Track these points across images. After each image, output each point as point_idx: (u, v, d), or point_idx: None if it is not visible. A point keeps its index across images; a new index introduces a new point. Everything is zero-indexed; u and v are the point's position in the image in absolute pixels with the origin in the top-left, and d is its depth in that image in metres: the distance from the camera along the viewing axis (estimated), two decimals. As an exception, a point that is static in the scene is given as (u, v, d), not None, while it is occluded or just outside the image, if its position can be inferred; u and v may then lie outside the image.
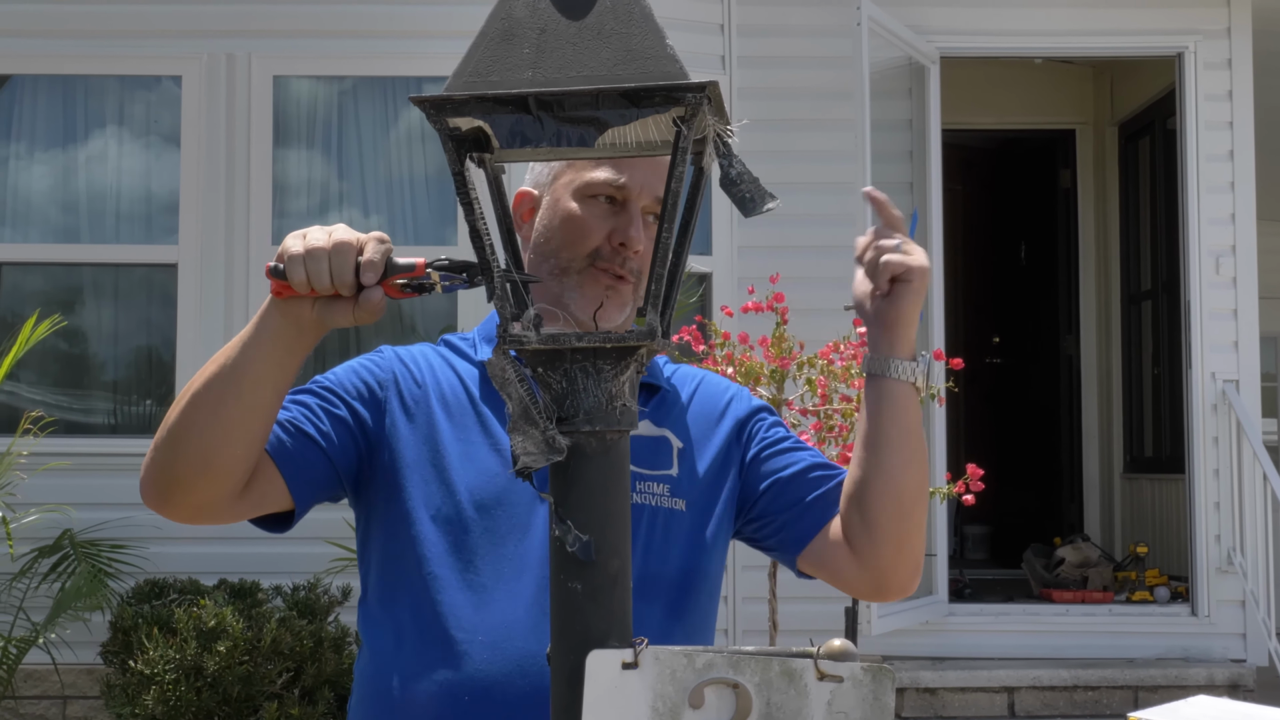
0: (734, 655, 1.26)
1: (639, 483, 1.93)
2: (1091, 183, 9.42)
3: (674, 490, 1.95)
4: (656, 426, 1.99)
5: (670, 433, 1.99)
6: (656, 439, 1.98)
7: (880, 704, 1.24)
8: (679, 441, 1.99)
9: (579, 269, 1.91)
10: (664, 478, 1.95)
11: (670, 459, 1.97)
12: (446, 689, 1.84)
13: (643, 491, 1.93)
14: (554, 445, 1.30)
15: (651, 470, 1.95)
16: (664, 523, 1.93)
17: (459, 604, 1.87)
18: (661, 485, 1.95)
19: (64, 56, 6.78)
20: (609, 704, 1.25)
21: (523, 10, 1.33)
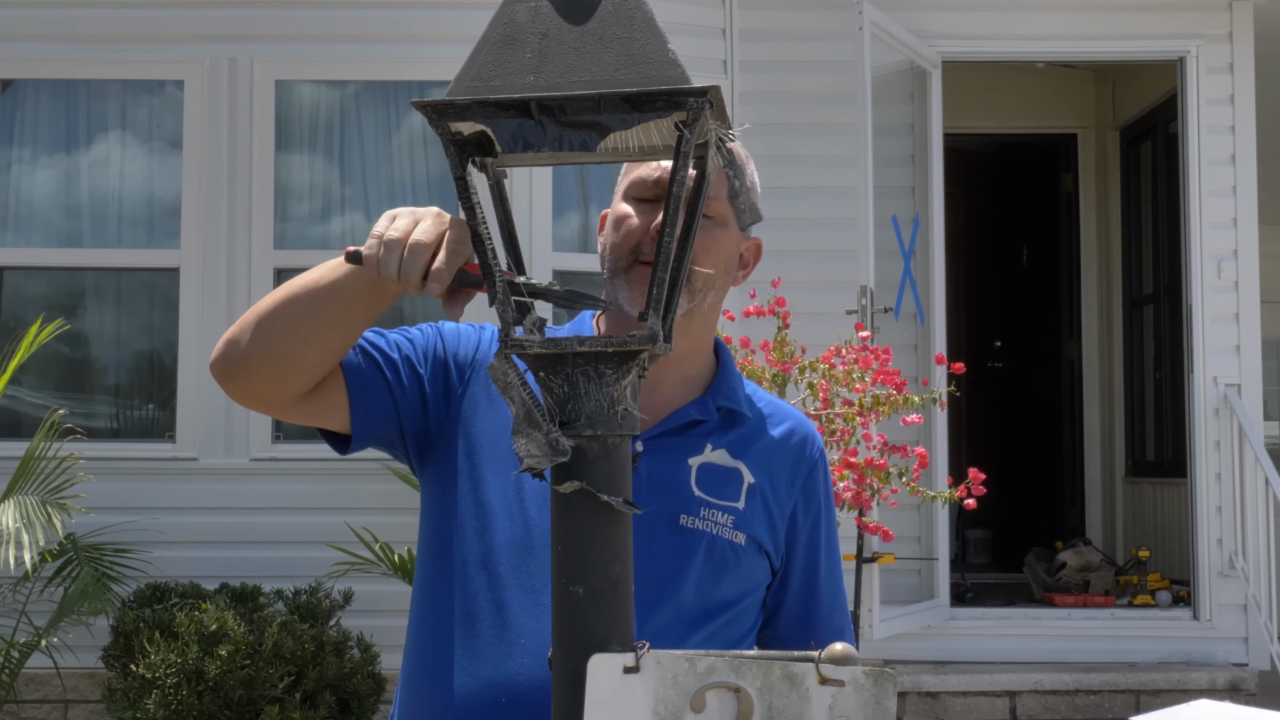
0: (735, 659, 1.26)
1: (703, 509, 1.93)
2: (1093, 187, 9.41)
3: (738, 524, 1.95)
4: (733, 458, 1.99)
5: (745, 467, 1.99)
6: (730, 470, 1.98)
7: (882, 708, 1.24)
8: (752, 477, 1.99)
9: (625, 267, 1.94)
10: (730, 509, 1.95)
11: (739, 493, 1.97)
12: (486, 688, 1.85)
13: (706, 518, 1.93)
14: (558, 447, 1.30)
15: (719, 500, 1.95)
16: (721, 552, 1.93)
17: (514, 603, 1.88)
18: (726, 516, 1.95)
19: (67, 61, 6.79)
20: (610, 708, 1.25)
21: (525, 15, 1.33)
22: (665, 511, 1.91)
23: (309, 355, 1.79)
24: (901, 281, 7.02)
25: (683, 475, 1.94)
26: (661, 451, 1.95)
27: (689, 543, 1.91)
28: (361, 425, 1.91)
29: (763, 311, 5.32)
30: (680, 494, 1.93)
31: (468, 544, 1.91)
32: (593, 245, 7.00)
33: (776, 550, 2.00)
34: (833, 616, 2.09)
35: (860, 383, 5.20)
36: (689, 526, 1.92)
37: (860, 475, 5.07)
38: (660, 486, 1.92)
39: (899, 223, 7.10)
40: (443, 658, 1.89)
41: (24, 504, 5.50)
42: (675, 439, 1.97)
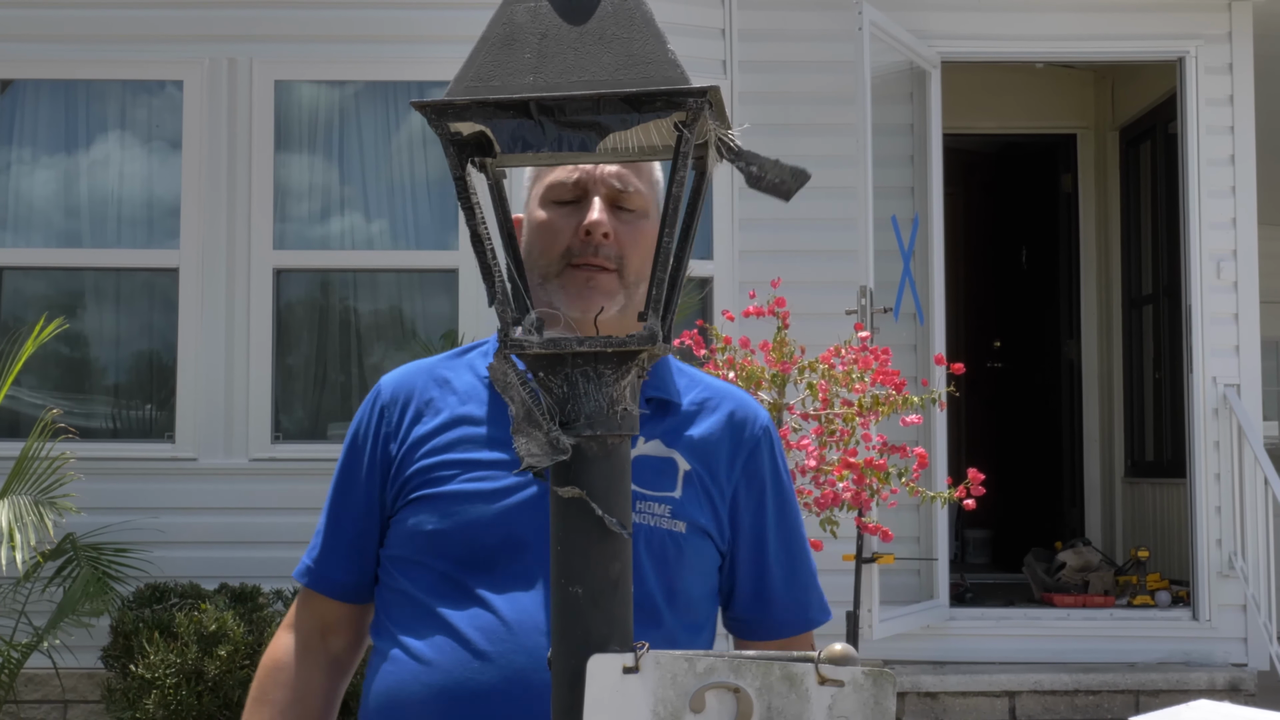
0: (735, 659, 1.26)
1: (639, 502, 1.94)
2: (1093, 187, 9.42)
3: (675, 512, 1.96)
4: (667, 448, 2.00)
5: (680, 455, 2.00)
6: (664, 460, 1.99)
7: (881, 708, 1.24)
8: (686, 464, 2.00)
9: (557, 271, 1.95)
10: (666, 499, 1.96)
11: (675, 481, 1.98)
12: (448, 700, 1.88)
13: (642, 511, 1.94)
14: (558, 446, 1.30)
15: (654, 491, 1.96)
16: (661, 543, 1.94)
17: (461, 621, 1.91)
18: (663, 506, 1.96)
19: (66, 61, 6.79)
20: (610, 708, 1.25)
21: (524, 15, 1.33)
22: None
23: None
24: (901, 282, 7.02)
25: None
26: None
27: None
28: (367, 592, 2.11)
29: (762, 311, 5.32)
30: None
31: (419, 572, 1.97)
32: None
33: (721, 534, 2.02)
34: (790, 592, 2.13)
35: (860, 383, 5.20)
36: None
37: (860, 475, 5.07)
38: None
39: (898, 223, 7.10)
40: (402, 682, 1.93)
41: (17, 504, 5.50)
42: None
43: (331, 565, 2.08)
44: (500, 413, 1.99)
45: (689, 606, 1.97)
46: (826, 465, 5.12)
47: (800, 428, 5.27)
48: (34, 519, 5.41)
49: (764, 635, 2.10)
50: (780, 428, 5.22)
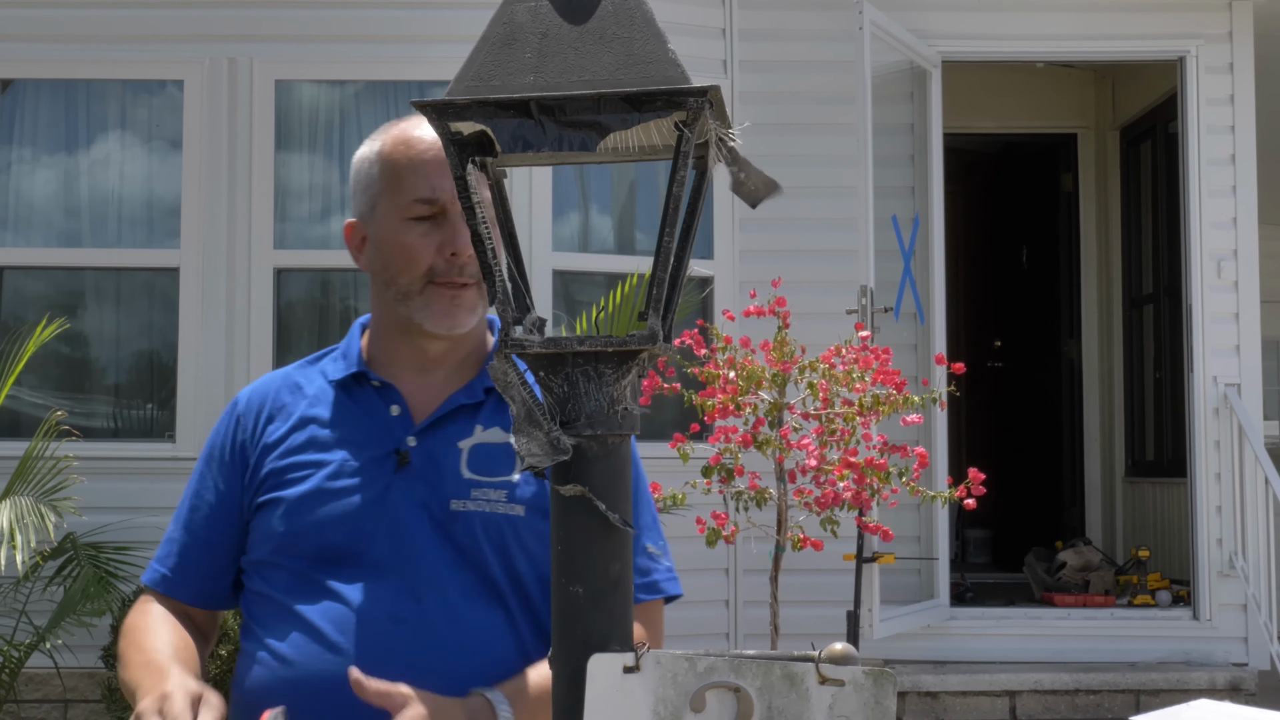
0: (735, 659, 1.26)
1: (474, 489, 2.01)
2: (1093, 187, 9.42)
3: (511, 496, 2.01)
4: (505, 433, 2.05)
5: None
6: (502, 445, 2.05)
7: (881, 708, 1.24)
8: None
9: (419, 290, 2.01)
10: (503, 484, 2.02)
11: (513, 465, 2.04)
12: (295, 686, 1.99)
13: (478, 498, 2.00)
14: (559, 446, 1.30)
15: (491, 477, 2.02)
16: (498, 527, 2.00)
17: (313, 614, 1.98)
18: (498, 492, 2.01)
19: (66, 61, 6.79)
20: (610, 708, 1.25)
21: (524, 15, 1.33)
22: (436, 499, 2.00)
23: None
24: (901, 281, 7.02)
25: (453, 460, 2.02)
26: (433, 441, 2.04)
27: (466, 525, 1.99)
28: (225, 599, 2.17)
29: (762, 311, 5.32)
30: (450, 479, 2.01)
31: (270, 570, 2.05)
32: (594, 245, 7.01)
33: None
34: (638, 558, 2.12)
35: (860, 382, 5.20)
36: (460, 510, 2.00)
37: (860, 475, 5.07)
38: (429, 476, 2.01)
39: (899, 222, 7.10)
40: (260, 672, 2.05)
41: (19, 504, 5.50)
42: (446, 426, 2.05)
43: (189, 572, 2.12)
44: (347, 414, 2.07)
45: (534, 585, 2.01)
46: (827, 465, 5.12)
47: (801, 427, 5.27)
48: (35, 519, 5.41)
49: None
50: (781, 427, 5.22)
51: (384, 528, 1.99)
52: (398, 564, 1.96)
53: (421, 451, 2.03)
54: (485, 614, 1.98)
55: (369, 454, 2.03)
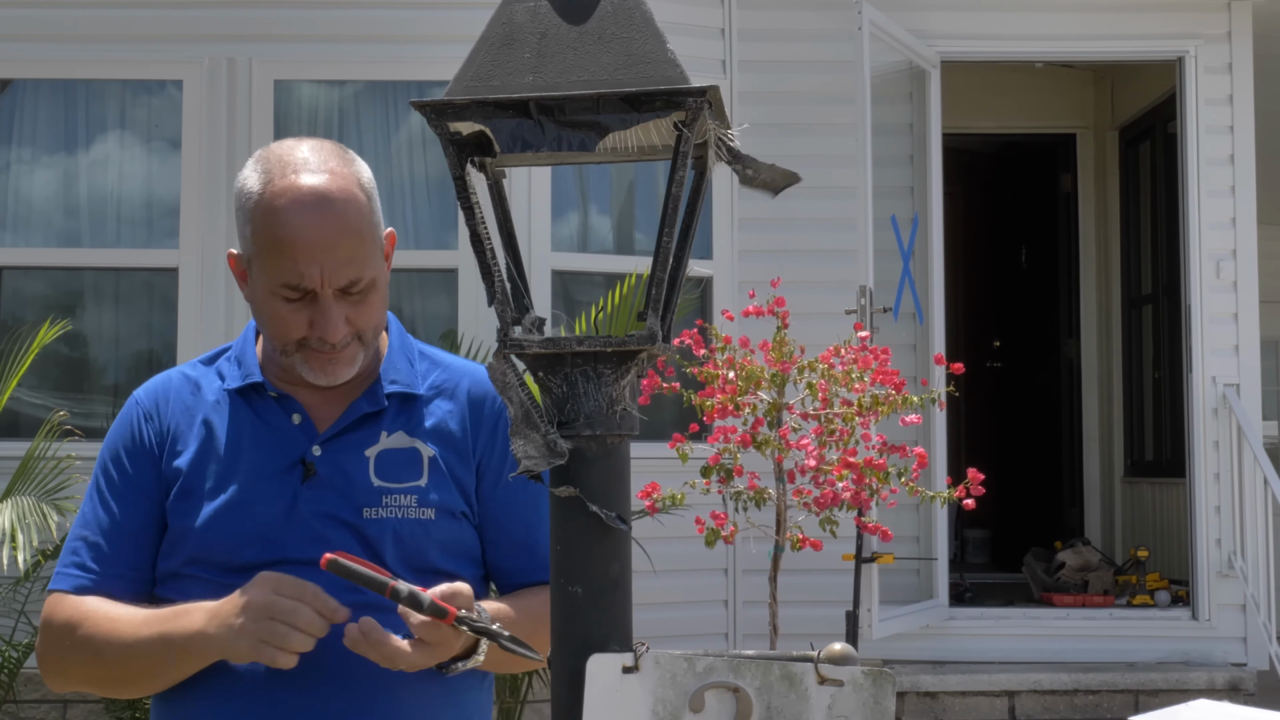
0: (734, 659, 1.26)
1: (385, 496, 2.01)
2: (1092, 187, 9.42)
3: (421, 500, 2.02)
4: (410, 438, 2.06)
5: (421, 443, 2.06)
6: (408, 450, 2.05)
7: (881, 708, 1.24)
8: (431, 450, 2.06)
9: (294, 350, 2.00)
10: (412, 489, 2.02)
11: (420, 469, 2.04)
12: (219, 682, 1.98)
13: (389, 505, 2.01)
14: (555, 449, 1.30)
15: (399, 483, 2.02)
16: (411, 532, 2.00)
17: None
18: (409, 496, 2.02)
19: (65, 61, 6.79)
20: (609, 708, 1.25)
21: (523, 15, 1.33)
22: (348, 508, 2.00)
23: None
24: (900, 281, 7.02)
25: (360, 469, 2.02)
26: (339, 450, 2.03)
27: (376, 533, 1.99)
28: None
29: (761, 311, 5.32)
30: (360, 488, 2.01)
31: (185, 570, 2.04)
32: (593, 245, 7.01)
33: (471, 508, 2.07)
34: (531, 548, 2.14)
35: (859, 383, 5.20)
36: (372, 518, 2.00)
37: (859, 475, 5.07)
38: (338, 486, 2.01)
39: (898, 223, 7.10)
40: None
41: (20, 504, 5.50)
42: (350, 435, 2.05)
43: (118, 576, 2.05)
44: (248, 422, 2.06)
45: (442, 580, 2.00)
46: (826, 465, 5.12)
47: (800, 427, 5.27)
48: (36, 519, 5.41)
49: (525, 581, 2.12)
50: (780, 427, 5.22)
51: (298, 538, 1.98)
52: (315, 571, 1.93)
53: (328, 461, 2.02)
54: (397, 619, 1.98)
55: (274, 464, 2.02)
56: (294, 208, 1.95)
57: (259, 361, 2.10)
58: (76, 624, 1.99)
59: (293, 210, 1.95)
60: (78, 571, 2.04)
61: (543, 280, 6.49)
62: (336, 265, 1.96)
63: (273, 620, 1.81)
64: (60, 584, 2.04)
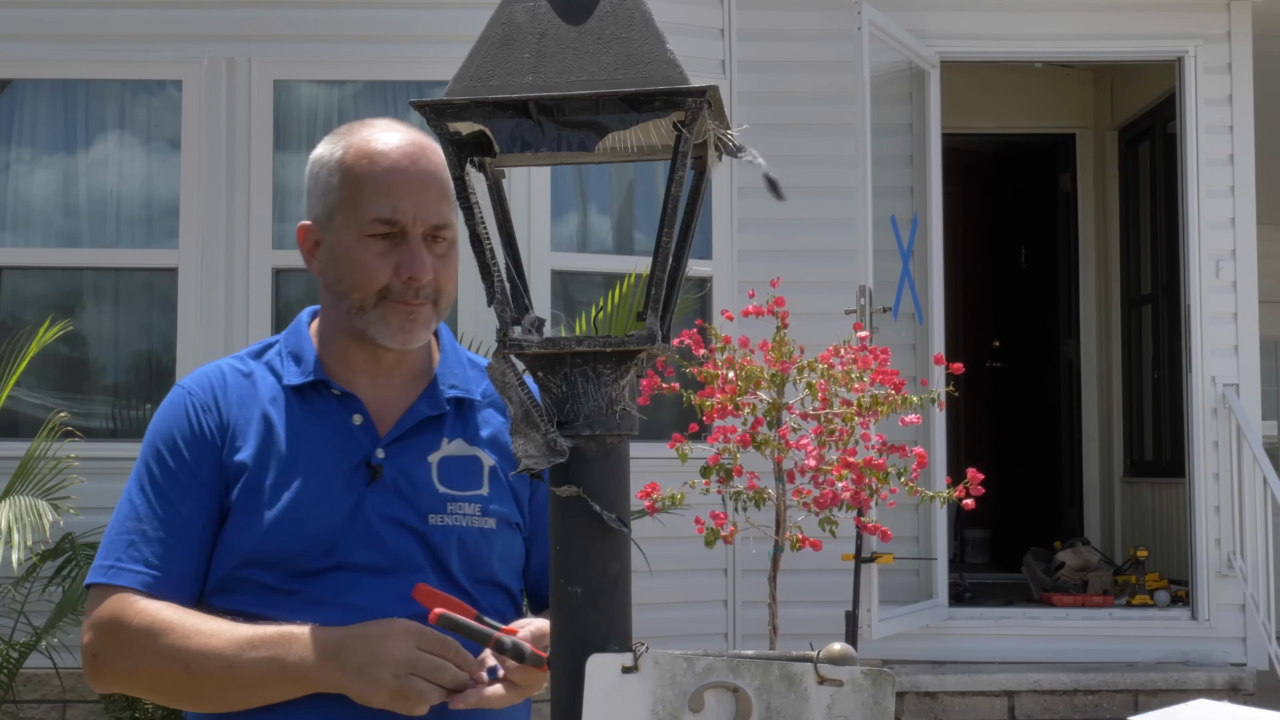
0: (734, 659, 1.26)
1: (450, 504, 1.99)
2: (1092, 187, 9.42)
3: (484, 510, 2.01)
4: (469, 445, 2.04)
5: (482, 451, 2.05)
6: (469, 458, 2.03)
7: (880, 708, 1.24)
8: (490, 459, 2.04)
9: (373, 305, 1.96)
10: (474, 498, 2.01)
11: (481, 479, 2.03)
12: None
13: (454, 512, 1.99)
14: (555, 448, 1.30)
15: (463, 491, 2.01)
16: (475, 542, 1.99)
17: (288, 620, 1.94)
18: (472, 505, 2.00)
19: (65, 61, 6.78)
20: (609, 708, 1.25)
21: (523, 15, 1.33)
22: (413, 513, 1.97)
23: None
24: (900, 281, 7.02)
25: (425, 474, 2.00)
26: (403, 454, 2.00)
27: (442, 540, 1.97)
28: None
29: (761, 311, 5.32)
30: (426, 493, 1.99)
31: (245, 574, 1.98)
32: (592, 245, 7.00)
33: (524, 521, 2.07)
34: None
35: (859, 383, 5.20)
36: (438, 524, 1.98)
37: (859, 475, 5.07)
38: (404, 490, 1.98)
39: (897, 223, 7.10)
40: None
41: (18, 504, 5.50)
42: (413, 439, 2.02)
43: (179, 574, 1.96)
44: (307, 420, 2.00)
45: (499, 588, 2.02)
46: (825, 465, 5.12)
47: (799, 427, 5.27)
48: (32, 518, 5.41)
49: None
50: (779, 427, 5.22)
51: (359, 542, 1.94)
52: (380, 574, 1.92)
53: (391, 464, 1.98)
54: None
55: (337, 465, 1.97)
56: (388, 147, 1.97)
57: (319, 358, 2.05)
58: (159, 632, 1.88)
59: (387, 149, 1.97)
60: (142, 568, 1.93)
61: (542, 280, 6.49)
62: (429, 203, 1.95)
63: (414, 676, 1.77)
64: (125, 580, 1.93)
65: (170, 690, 1.94)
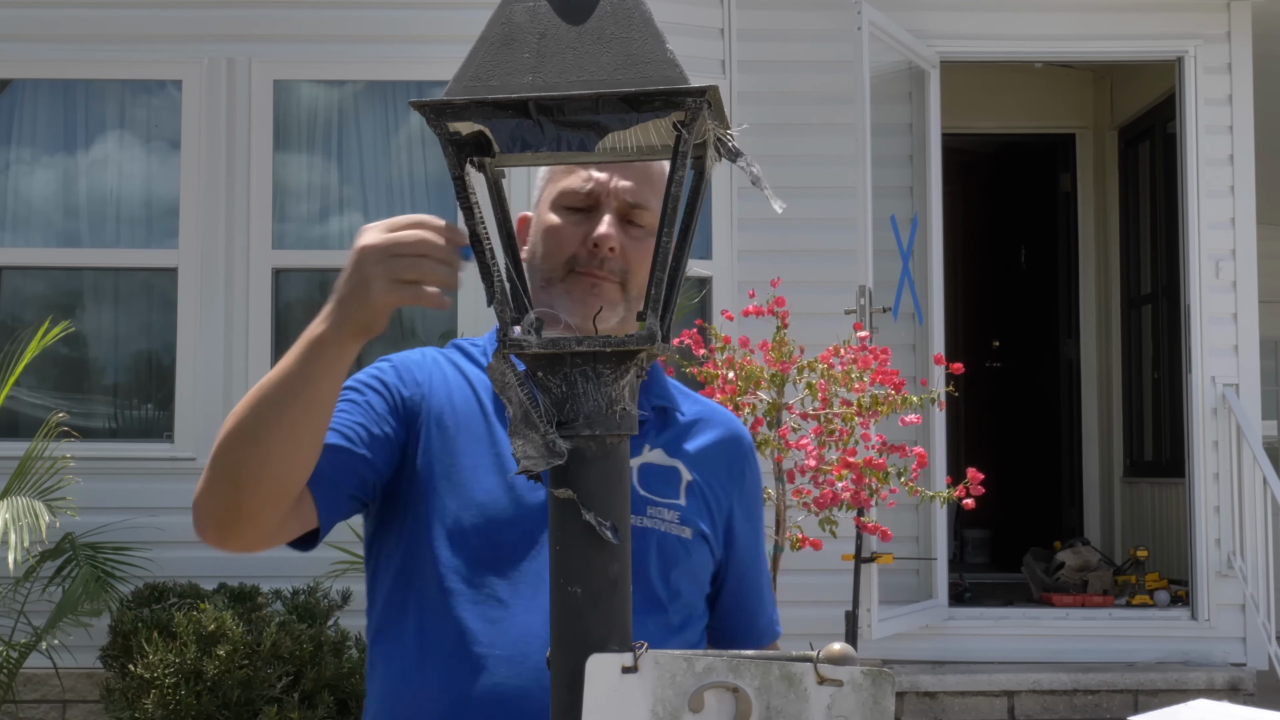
0: (734, 659, 1.26)
1: (650, 507, 1.97)
2: (1091, 187, 9.42)
3: (683, 519, 1.99)
4: (669, 457, 2.02)
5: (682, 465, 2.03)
6: (668, 468, 2.01)
7: (880, 708, 1.24)
8: (690, 475, 2.03)
9: (560, 277, 1.94)
10: (673, 505, 1.99)
11: (679, 490, 2.01)
12: (464, 702, 1.85)
13: (654, 516, 1.97)
14: (554, 449, 1.30)
15: (662, 498, 1.99)
16: (672, 548, 1.97)
17: (475, 618, 1.88)
18: (672, 512, 1.99)
19: (65, 61, 6.79)
20: (609, 708, 1.25)
21: (523, 15, 1.33)
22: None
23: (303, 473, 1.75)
24: (900, 281, 7.02)
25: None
26: None
27: (641, 542, 1.94)
28: (330, 517, 1.86)
29: (761, 311, 5.32)
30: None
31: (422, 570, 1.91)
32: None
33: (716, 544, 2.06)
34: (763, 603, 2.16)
35: (859, 383, 5.20)
36: (639, 526, 1.95)
37: (859, 475, 5.07)
38: None
39: (897, 223, 7.10)
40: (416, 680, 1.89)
41: (16, 504, 5.51)
42: None
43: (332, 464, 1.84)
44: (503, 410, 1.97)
45: (686, 605, 2.00)
46: (825, 465, 5.12)
47: (799, 427, 5.27)
48: (30, 519, 5.41)
49: (737, 646, 2.09)
50: (779, 427, 5.22)
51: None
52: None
53: None
54: (652, 627, 1.93)
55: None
56: None
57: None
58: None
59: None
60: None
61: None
62: (627, 178, 1.93)
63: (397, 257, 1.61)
64: None
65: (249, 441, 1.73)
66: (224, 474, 1.74)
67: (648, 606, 1.93)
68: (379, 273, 1.63)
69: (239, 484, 1.72)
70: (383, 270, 1.62)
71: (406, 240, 1.63)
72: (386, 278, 1.62)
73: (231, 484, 1.73)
